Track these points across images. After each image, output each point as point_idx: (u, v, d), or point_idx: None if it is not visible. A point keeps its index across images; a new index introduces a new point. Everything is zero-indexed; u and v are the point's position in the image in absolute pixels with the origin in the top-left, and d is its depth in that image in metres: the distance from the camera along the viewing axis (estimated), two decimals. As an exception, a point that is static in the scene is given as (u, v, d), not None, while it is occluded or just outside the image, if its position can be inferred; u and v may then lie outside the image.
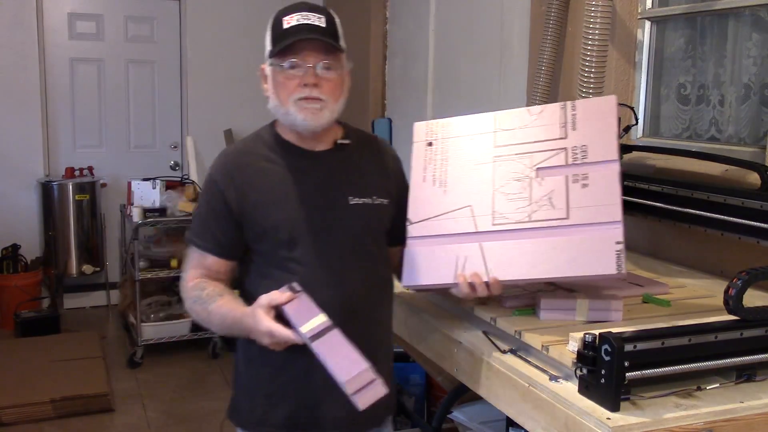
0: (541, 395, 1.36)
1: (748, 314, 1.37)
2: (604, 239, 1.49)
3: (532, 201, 1.58)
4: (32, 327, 4.72)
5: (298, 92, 1.57)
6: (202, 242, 1.64)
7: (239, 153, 1.68)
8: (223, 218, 1.62)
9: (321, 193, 1.63)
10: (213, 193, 1.64)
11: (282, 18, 1.60)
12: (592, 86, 2.21)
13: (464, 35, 3.78)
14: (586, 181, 1.55)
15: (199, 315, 1.63)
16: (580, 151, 1.59)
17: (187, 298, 1.64)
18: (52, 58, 5.28)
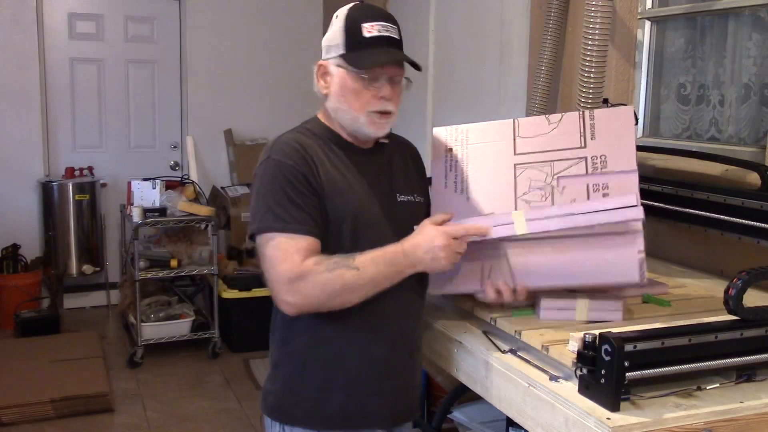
0: (541, 395, 1.36)
1: (748, 314, 1.37)
2: (626, 248, 1.53)
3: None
4: (32, 327, 4.72)
5: (373, 104, 1.59)
6: (299, 225, 1.52)
7: (298, 140, 1.60)
8: (311, 197, 1.54)
9: (376, 189, 1.65)
10: (294, 176, 1.54)
11: (362, 24, 1.58)
12: (592, 86, 2.21)
13: (464, 35, 3.78)
14: (606, 190, 1.60)
15: (345, 277, 1.49)
16: (600, 161, 1.63)
17: (317, 273, 1.48)
18: (52, 58, 5.28)
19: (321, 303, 1.52)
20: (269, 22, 5.69)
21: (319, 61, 1.64)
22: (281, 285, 1.51)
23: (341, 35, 1.59)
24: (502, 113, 3.44)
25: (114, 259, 5.46)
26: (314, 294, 1.50)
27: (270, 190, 1.55)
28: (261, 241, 1.54)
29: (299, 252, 1.50)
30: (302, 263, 1.49)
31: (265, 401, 1.70)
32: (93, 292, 5.47)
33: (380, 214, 1.63)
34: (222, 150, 5.67)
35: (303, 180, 1.54)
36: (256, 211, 1.55)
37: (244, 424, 3.68)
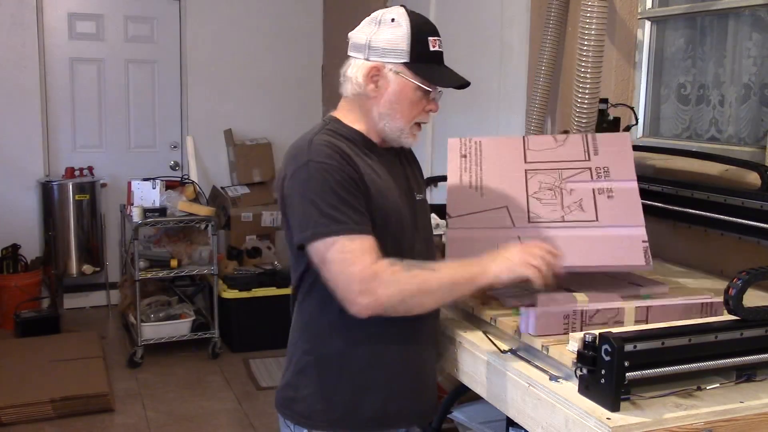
0: (541, 395, 1.36)
1: (748, 314, 1.37)
2: (631, 237, 1.71)
3: (564, 206, 1.78)
4: (32, 327, 4.72)
5: (421, 117, 1.62)
6: (359, 225, 1.46)
7: (333, 142, 1.54)
8: (360, 197, 1.50)
9: (402, 188, 1.65)
10: (342, 177, 1.48)
11: (428, 37, 1.57)
12: (589, 86, 2.21)
13: (464, 35, 3.78)
14: (611, 193, 1.79)
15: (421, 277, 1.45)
16: (603, 171, 1.83)
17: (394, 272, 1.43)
18: (52, 58, 5.28)
19: (395, 304, 1.46)
20: (269, 22, 5.69)
21: (369, 62, 1.57)
22: (354, 287, 1.43)
23: (407, 42, 1.55)
24: (502, 113, 3.44)
25: (114, 259, 5.46)
26: (389, 294, 1.43)
27: (319, 193, 1.47)
28: (320, 248, 1.46)
29: (367, 252, 1.45)
30: (374, 263, 1.43)
31: (289, 408, 1.65)
32: (93, 292, 5.47)
33: (412, 213, 1.64)
34: (222, 150, 5.67)
35: (350, 180, 1.49)
36: (307, 218, 1.47)
37: (244, 424, 3.68)
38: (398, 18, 1.56)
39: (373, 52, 1.56)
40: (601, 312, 1.50)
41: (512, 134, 3.31)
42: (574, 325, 1.48)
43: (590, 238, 1.72)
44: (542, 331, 1.47)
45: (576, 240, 1.71)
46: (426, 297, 1.47)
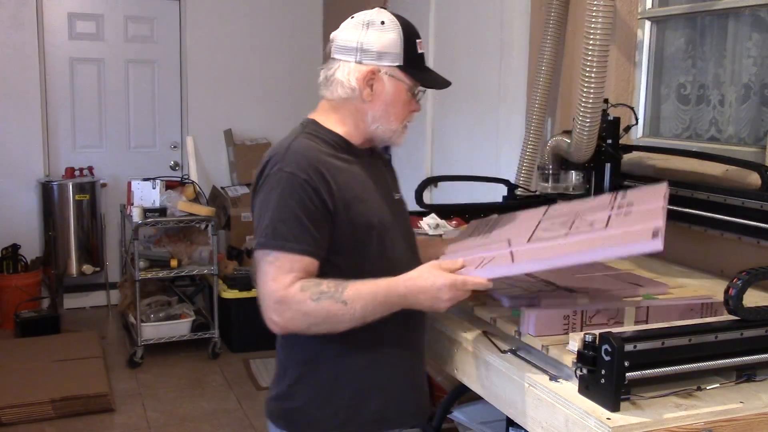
0: (541, 395, 1.36)
1: (748, 314, 1.37)
2: (640, 229, 1.38)
3: (570, 229, 1.55)
4: (32, 327, 4.72)
5: (409, 117, 1.64)
6: (299, 245, 1.47)
7: (311, 149, 1.54)
8: (320, 216, 1.49)
9: (383, 190, 1.65)
10: (305, 192, 1.48)
11: (416, 40, 1.60)
12: (593, 86, 2.21)
13: (464, 35, 3.78)
14: (630, 208, 1.53)
15: (330, 311, 1.45)
16: (626, 203, 1.56)
17: (300, 301, 1.45)
18: (52, 58, 5.28)
19: (302, 330, 1.49)
20: (269, 22, 5.69)
21: (363, 65, 1.56)
22: (268, 303, 1.47)
23: (400, 46, 1.56)
24: (502, 113, 3.44)
25: (114, 259, 5.47)
26: (295, 320, 1.47)
27: (277, 205, 1.49)
28: (258, 256, 1.50)
29: (291, 273, 1.46)
30: (289, 287, 1.45)
31: (286, 419, 1.64)
32: (93, 292, 5.47)
33: (392, 214, 1.63)
34: (222, 150, 5.68)
35: (314, 196, 1.48)
36: (260, 225, 1.51)
37: (244, 424, 3.68)
38: (387, 21, 1.57)
39: (366, 56, 1.56)
40: (601, 312, 1.50)
41: (512, 134, 3.31)
42: (574, 325, 1.48)
43: (593, 238, 1.49)
44: (542, 331, 1.47)
45: (577, 242, 1.50)
46: (333, 326, 1.48)
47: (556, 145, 2.41)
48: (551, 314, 1.48)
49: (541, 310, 1.51)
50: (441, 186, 3.86)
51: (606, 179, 2.34)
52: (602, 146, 2.32)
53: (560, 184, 2.46)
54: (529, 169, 2.88)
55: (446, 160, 3.99)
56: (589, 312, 1.49)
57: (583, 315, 1.49)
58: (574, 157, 2.35)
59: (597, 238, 1.44)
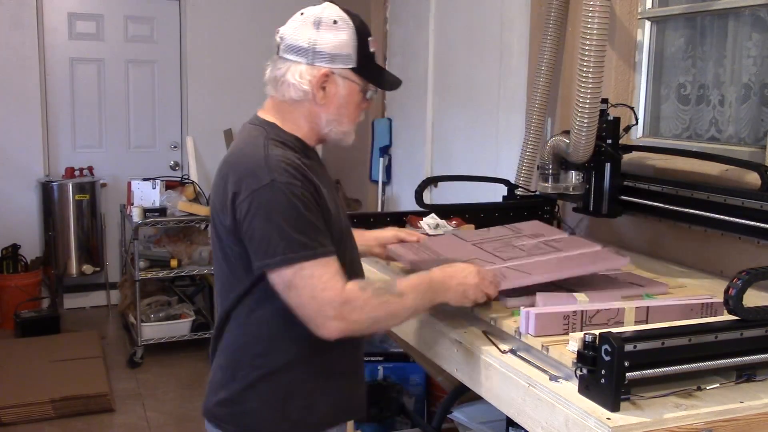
0: (541, 395, 1.36)
1: (748, 314, 1.37)
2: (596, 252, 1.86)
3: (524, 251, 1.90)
4: (32, 327, 4.72)
5: (359, 117, 1.63)
6: (325, 248, 1.45)
7: (290, 157, 1.50)
8: (321, 216, 1.49)
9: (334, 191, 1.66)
10: (305, 197, 1.45)
11: (368, 38, 1.57)
12: (590, 86, 2.20)
13: (464, 35, 3.78)
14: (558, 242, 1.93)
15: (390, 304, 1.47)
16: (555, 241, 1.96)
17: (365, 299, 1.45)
18: (52, 58, 5.28)
19: (365, 328, 1.50)
20: (269, 22, 5.67)
21: (314, 67, 1.53)
22: (327, 312, 1.42)
23: (353, 47, 1.53)
24: (502, 113, 3.44)
25: (114, 259, 5.46)
26: (360, 320, 1.45)
27: (286, 217, 1.42)
28: (287, 274, 1.42)
29: (336, 276, 1.44)
30: (345, 288, 1.43)
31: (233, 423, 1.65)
32: (93, 292, 5.47)
33: (345, 216, 1.64)
34: (222, 150, 5.67)
35: (312, 199, 1.47)
36: (272, 242, 1.42)
37: (244, 424, 3.68)
38: (340, 20, 1.53)
39: (319, 57, 1.53)
40: (601, 312, 1.50)
41: (512, 134, 3.31)
42: (574, 325, 1.48)
43: (567, 257, 1.83)
44: (542, 331, 1.47)
45: (555, 260, 1.81)
46: (392, 321, 1.55)
47: (556, 145, 2.41)
48: (551, 314, 1.49)
49: (541, 310, 1.51)
50: (441, 186, 3.86)
51: (606, 179, 2.33)
52: (602, 146, 2.32)
53: (560, 184, 2.46)
54: (529, 169, 2.88)
55: (446, 160, 3.99)
56: (589, 312, 1.49)
57: (583, 315, 1.49)
58: (573, 158, 2.35)
59: (576, 256, 1.80)
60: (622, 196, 2.33)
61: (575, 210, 2.50)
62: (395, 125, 4.67)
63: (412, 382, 3.42)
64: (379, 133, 4.77)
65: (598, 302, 1.58)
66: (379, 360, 3.41)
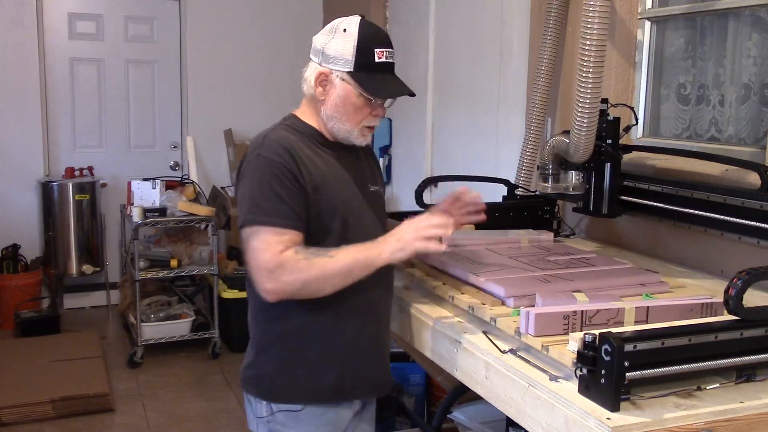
0: (541, 395, 1.36)
1: (748, 314, 1.37)
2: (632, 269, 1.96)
3: (561, 264, 1.95)
4: (32, 327, 4.72)
5: (368, 120, 1.74)
6: (283, 219, 1.62)
7: (286, 139, 1.70)
8: (299, 194, 1.64)
9: (355, 180, 1.78)
10: (283, 173, 1.63)
11: (374, 48, 1.68)
12: (590, 86, 2.20)
13: (464, 35, 3.78)
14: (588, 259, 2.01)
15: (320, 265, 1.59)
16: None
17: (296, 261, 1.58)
18: (52, 58, 5.28)
19: (296, 291, 1.62)
20: (269, 22, 5.69)
21: (321, 67, 1.70)
22: (262, 273, 1.60)
23: (352, 53, 1.67)
24: (502, 113, 3.44)
25: (114, 259, 5.46)
26: (290, 281, 1.59)
27: (258, 186, 1.64)
28: (247, 233, 1.64)
29: (281, 243, 1.60)
30: (282, 253, 1.59)
31: (254, 385, 1.79)
32: (93, 292, 5.47)
33: (362, 202, 1.77)
34: (222, 150, 5.67)
35: (290, 176, 1.63)
36: (244, 204, 1.66)
37: (244, 424, 3.67)
38: (350, 29, 1.68)
39: (324, 59, 1.70)
40: (601, 312, 1.50)
41: (512, 134, 3.31)
42: (574, 325, 1.48)
43: (602, 270, 1.88)
44: (542, 331, 1.47)
45: (594, 272, 1.87)
46: (325, 282, 1.62)
47: (556, 145, 2.41)
48: (551, 314, 1.49)
49: (541, 310, 1.51)
50: (441, 186, 3.86)
51: (606, 179, 2.34)
52: (602, 146, 2.32)
53: (560, 184, 2.46)
54: (529, 169, 2.88)
55: (446, 160, 3.99)
56: (589, 312, 1.49)
57: (583, 315, 1.49)
58: (573, 158, 2.35)
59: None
60: (622, 196, 2.33)
61: (575, 210, 2.50)
62: (395, 125, 4.67)
63: (412, 382, 3.42)
64: (379, 133, 4.76)
65: (598, 302, 1.59)
66: (379, 360, 3.40)
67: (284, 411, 1.75)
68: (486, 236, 2.22)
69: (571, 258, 2.00)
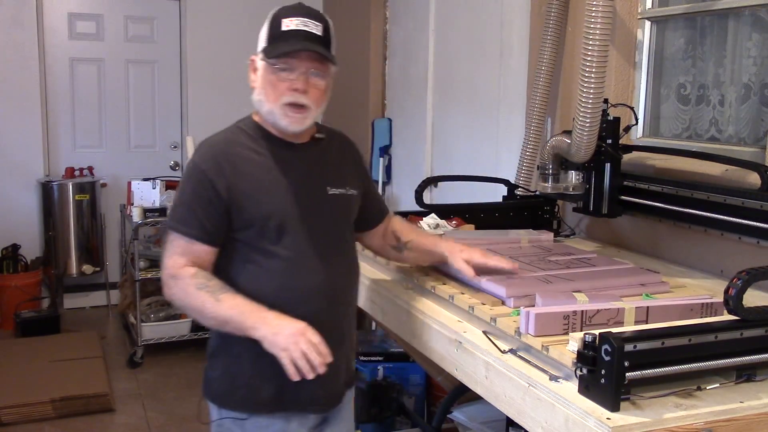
0: (541, 395, 1.36)
1: (748, 314, 1.37)
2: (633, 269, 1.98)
3: (562, 264, 1.96)
4: (32, 327, 4.72)
5: (287, 96, 1.65)
6: (189, 229, 1.66)
7: (225, 143, 1.71)
8: (211, 206, 1.65)
9: (304, 183, 1.72)
10: (200, 182, 1.65)
11: (282, 18, 1.66)
12: (593, 86, 2.20)
13: (464, 35, 3.78)
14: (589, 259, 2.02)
15: (199, 299, 1.61)
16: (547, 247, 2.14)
17: (187, 283, 1.62)
18: (52, 58, 5.28)
19: (180, 308, 1.68)
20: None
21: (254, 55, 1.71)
22: (163, 275, 1.67)
23: (265, 31, 1.68)
24: (502, 113, 3.44)
25: (114, 259, 5.46)
26: (177, 298, 1.65)
27: (180, 191, 1.70)
28: (167, 234, 1.70)
29: (183, 255, 1.65)
30: (182, 267, 1.64)
31: (207, 387, 1.82)
32: (93, 292, 5.46)
33: (306, 209, 1.71)
34: (222, 150, 5.67)
35: (210, 186, 1.64)
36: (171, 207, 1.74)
37: (244, 424, 3.68)
38: (270, 13, 1.69)
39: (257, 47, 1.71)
40: (601, 312, 1.50)
41: (512, 134, 3.31)
42: (574, 325, 1.48)
43: (604, 270, 1.88)
44: (542, 331, 1.47)
45: (596, 272, 1.86)
46: (200, 318, 1.65)
47: (556, 145, 2.41)
48: (551, 314, 1.49)
49: (541, 310, 1.51)
50: (441, 186, 3.86)
51: (606, 179, 2.34)
52: (602, 146, 2.32)
53: (560, 184, 2.46)
54: (529, 169, 2.88)
55: (446, 160, 3.99)
56: (589, 312, 1.49)
57: (583, 315, 1.49)
58: (574, 158, 2.35)
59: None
60: (622, 196, 2.33)
61: (575, 210, 2.50)
62: (395, 125, 4.67)
63: (412, 382, 3.42)
64: (379, 133, 4.76)
65: (598, 302, 1.59)
66: (379, 360, 3.41)
67: (230, 418, 1.75)
68: (486, 236, 2.22)
69: (572, 258, 2.00)
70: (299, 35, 1.64)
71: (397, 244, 1.94)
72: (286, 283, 1.69)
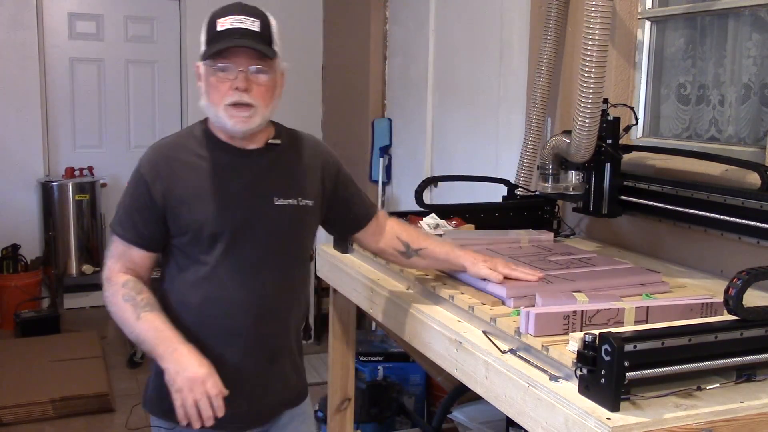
0: (541, 395, 1.36)
1: (748, 314, 1.37)
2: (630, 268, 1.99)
3: (562, 264, 1.95)
4: (32, 327, 4.72)
5: (228, 96, 1.60)
6: (125, 233, 1.66)
7: (169, 147, 1.70)
8: (147, 211, 1.64)
9: (248, 192, 1.67)
10: (138, 186, 1.66)
11: (216, 20, 1.65)
12: (592, 87, 2.21)
13: (464, 35, 3.78)
14: (588, 259, 2.01)
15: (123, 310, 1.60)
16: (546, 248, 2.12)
17: (116, 291, 1.62)
18: (52, 58, 5.28)
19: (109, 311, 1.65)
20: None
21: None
22: (103, 276, 1.68)
23: (203, 35, 1.67)
24: (502, 113, 3.44)
25: (114, 259, 5.45)
26: (108, 302, 1.64)
27: (124, 192, 1.70)
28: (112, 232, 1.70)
29: (121, 258, 1.66)
30: (116, 273, 1.65)
31: (144, 392, 1.80)
32: (93, 292, 5.45)
33: (245, 219, 1.65)
34: (222, 150, 5.67)
35: (146, 191, 1.64)
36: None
37: (244, 424, 3.68)
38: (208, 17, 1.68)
39: None
40: (601, 312, 1.50)
41: (512, 134, 3.31)
42: (574, 325, 1.48)
43: (603, 270, 1.88)
44: (542, 331, 1.47)
45: (596, 272, 1.86)
46: (123, 329, 1.63)
47: (556, 145, 2.41)
48: (551, 314, 1.49)
49: (540, 310, 1.51)
50: (441, 186, 3.86)
51: (606, 179, 2.34)
52: (602, 146, 2.32)
53: (560, 184, 2.46)
54: (529, 169, 2.88)
55: (446, 160, 3.99)
56: (589, 312, 1.49)
57: (583, 315, 1.49)
58: (574, 158, 2.35)
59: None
60: (622, 196, 2.33)
61: (575, 210, 2.50)
62: (395, 125, 4.67)
63: (412, 382, 3.42)
64: (379, 133, 4.76)
65: (598, 302, 1.59)
66: (379, 360, 3.41)
67: (158, 426, 1.72)
68: (486, 236, 2.22)
69: (572, 258, 2.00)
70: (234, 33, 1.61)
71: (406, 251, 1.86)
72: (211, 295, 1.64)
